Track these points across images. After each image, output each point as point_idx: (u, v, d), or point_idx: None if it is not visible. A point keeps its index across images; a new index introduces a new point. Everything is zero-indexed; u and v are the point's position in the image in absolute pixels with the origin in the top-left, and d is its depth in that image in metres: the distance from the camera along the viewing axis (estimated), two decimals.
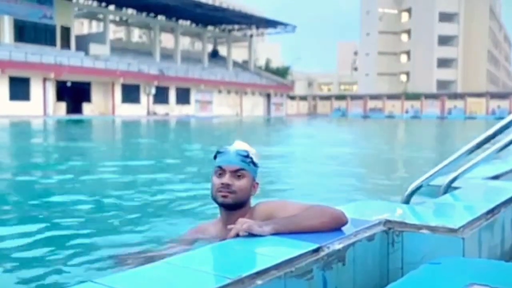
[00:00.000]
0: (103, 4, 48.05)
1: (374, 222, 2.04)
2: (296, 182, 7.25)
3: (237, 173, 2.20)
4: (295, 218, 1.92)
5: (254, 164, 2.26)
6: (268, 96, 61.27)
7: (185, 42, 64.43)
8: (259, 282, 1.43)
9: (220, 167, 2.22)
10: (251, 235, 1.79)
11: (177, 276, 1.45)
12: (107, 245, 3.33)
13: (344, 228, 1.93)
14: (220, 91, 54.40)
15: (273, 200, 2.40)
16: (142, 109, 46.00)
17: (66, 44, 43.78)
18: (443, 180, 2.94)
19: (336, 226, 1.94)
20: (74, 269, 2.84)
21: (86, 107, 42.51)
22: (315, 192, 6.02)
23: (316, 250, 1.68)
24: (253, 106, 58.87)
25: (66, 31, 44.00)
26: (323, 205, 2.02)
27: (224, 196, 2.19)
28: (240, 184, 2.20)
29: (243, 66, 63.88)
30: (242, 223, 1.85)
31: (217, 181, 2.22)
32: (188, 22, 56.29)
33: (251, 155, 2.25)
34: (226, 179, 2.19)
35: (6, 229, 3.87)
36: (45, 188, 6.34)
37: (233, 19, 55.99)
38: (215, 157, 2.27)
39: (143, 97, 46.57)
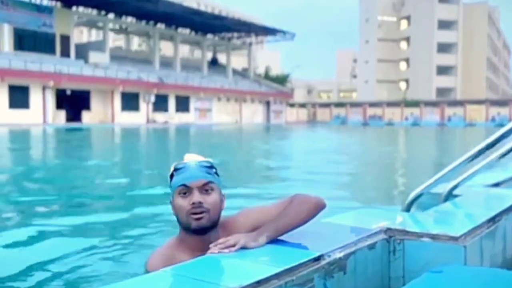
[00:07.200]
0: (103, 12, 48.19)
1: (375, 230, 2.03)
2: (296, 188, 7.23)
3: (204, 188, 1.90)
4: (284, 218, 1.88)
5: (218, 175, 1.98)
6: (268, 103, 61.34)
7: (184, 50, 64.61)
8: None
9: (184, 186, 1.89)
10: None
11: (177, 286, 1.44)
12: (107, 254, 3.31)
13: (345, 237, 1.92)
14: (219, 99, 54.47)
15: (246, 209, 2.09)
16: (141, 117, 46.01)
17: (65, 52, 43.88)
18: (443, 188, 2.94)
19: (319, 211, 1.99)
20: (73, 278, 2.82)
21: (86, 115, 42.53)
22: None
23: (317, 259, 1.67)
24: (252, 114, 58.93)
25: (65, 39, 44.10)
26: (300, 194, 2.00)
27: (198, 219, 1.87)
28: (211, 199, 1.89)
29: (243, 74, 63.99)
30: (236, 240, 1.74)
31: (184, 202, 1.89)
32: (187, 30, 56.44)
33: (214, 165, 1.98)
34: (196, 196, 1.87)
35: (5, 236, 3.86)
36: (42, 194, 6.33)
37: (232, 27, 56.15)
38: (171, 176, 1.94)
39: (142, 105, 46.61)
